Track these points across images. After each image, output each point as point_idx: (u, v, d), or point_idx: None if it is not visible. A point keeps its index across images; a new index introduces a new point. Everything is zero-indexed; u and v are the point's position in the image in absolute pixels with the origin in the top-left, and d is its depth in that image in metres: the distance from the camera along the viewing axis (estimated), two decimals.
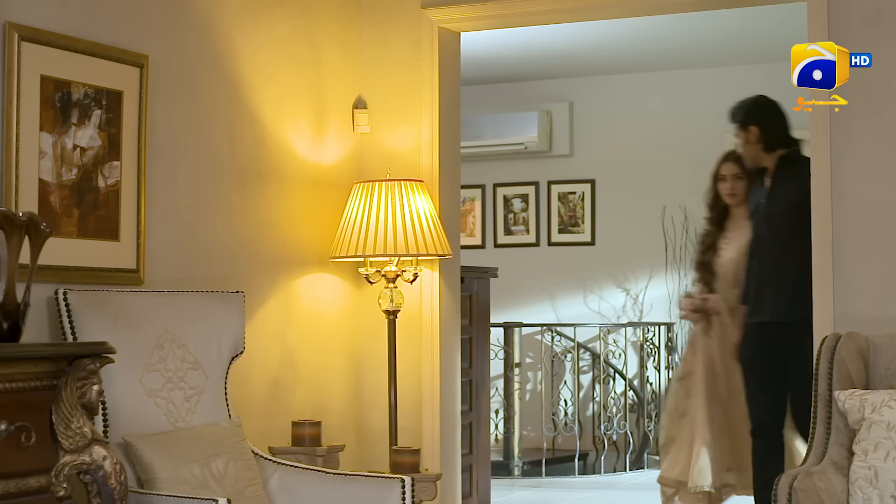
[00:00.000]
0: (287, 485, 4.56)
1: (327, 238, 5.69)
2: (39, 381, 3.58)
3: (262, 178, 5.42)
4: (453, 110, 6.08)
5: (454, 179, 6.08)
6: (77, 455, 3.63)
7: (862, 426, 4.34)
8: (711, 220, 6.35)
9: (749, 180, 6.09)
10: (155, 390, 4.36)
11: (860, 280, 5.12)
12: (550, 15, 6.01)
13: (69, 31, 4.45)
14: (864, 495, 4.23)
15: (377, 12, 6.05)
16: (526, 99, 10.64)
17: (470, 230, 11.01)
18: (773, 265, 5.75)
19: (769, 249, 5.77)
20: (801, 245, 5.37)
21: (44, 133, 4.34)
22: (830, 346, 4.61)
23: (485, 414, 7.34)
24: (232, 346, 4.70)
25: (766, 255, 5.80)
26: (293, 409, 5.51)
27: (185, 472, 4.17)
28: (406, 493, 4.43)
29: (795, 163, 5.72)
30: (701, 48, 9.43)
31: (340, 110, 5.94)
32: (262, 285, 5.40)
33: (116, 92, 4.63)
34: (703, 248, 6.33)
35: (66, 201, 4.43)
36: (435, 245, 5.53)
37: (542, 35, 8.73)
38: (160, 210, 4.84)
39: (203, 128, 5.11)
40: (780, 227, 5.72)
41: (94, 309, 4.28)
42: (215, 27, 5.18)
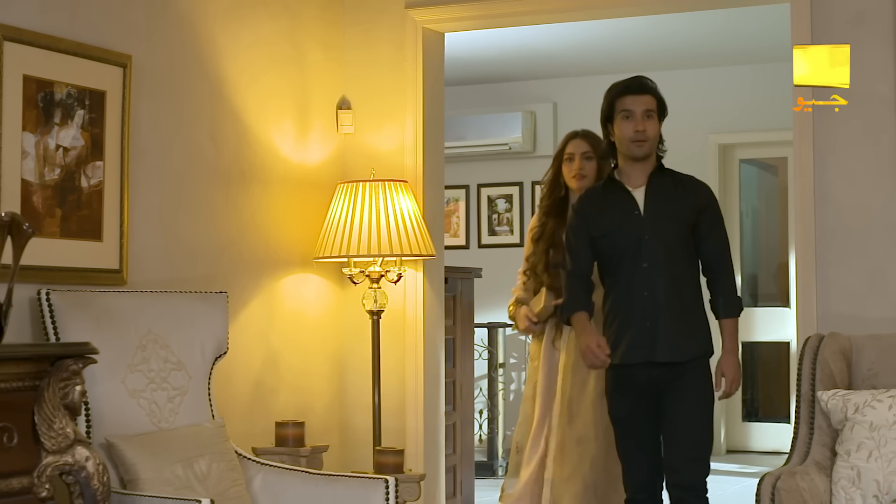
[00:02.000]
0: (270, 485, 4.55)
1: (311, 238, 5.68)
2: (22, 382, 3.57)
3: (245, 179, 5.41)
4: (437, 111, 6.09)
5: (438, 180, 6.09)
6: (60, 456, 3.62)
7: (845, 426, 4.35)
8: (549, 210, 5.36)
9: (599, 160, 5.25)
10: (138, 391, 4.35)
11: (843, 281, 5.14)
12: (534, 16, 6.01)
13: (52, 31, 4.43)
14: (847, 495, 4.24)
15: (361, 13, 6.05)
16: (510, 99, 10.65)
17: (454, 231, 11.01)
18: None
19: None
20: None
21: (26, 133, 4.32)
22: (813, 346, 4.62)
23: (469, 414, 7.35)
24: (215, 346, 4.70)
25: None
26: (277, 410, 5.50)
27: (169, 473, 4.16)
28: (390, 494, 4.43)
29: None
30: (685, 49, 9.45)
31: (324, 111, 5.94)
32: (246, 286, 5.39)
33: (99, 92, 4.62)
34: (544, 245, 5.31)
35: (49, 201, 4.42)
36: (419, 245, 5.53)
37: (526, 36, 8.73)
38: (143, 210, 4.83)
39: (187, 128, 5.10)
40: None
41: (77, 309, 4.26)
42: (199, 27, 5.17)
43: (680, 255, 4.68)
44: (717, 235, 4.73)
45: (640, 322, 4.63)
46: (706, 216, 4.71)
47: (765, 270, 10.65)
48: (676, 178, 4.78)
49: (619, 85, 4.78)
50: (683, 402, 4.62)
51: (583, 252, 4.77)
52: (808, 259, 5.19)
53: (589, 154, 5.27)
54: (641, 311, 4.63)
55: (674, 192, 4.73)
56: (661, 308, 4.61)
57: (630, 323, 4.64)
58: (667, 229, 4.67)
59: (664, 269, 4.63)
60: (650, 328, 4.61)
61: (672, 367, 4.62)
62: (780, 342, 10.15)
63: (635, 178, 4.74)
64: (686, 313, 4.65)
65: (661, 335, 4.61)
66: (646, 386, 4.65)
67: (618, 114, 4.72)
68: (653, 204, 4.69)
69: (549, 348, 5.31)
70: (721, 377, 4.66)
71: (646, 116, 4.71)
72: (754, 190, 10.62)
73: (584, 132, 5.35)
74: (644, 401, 4.67)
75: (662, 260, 4.64)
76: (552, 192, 5.38)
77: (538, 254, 5.34)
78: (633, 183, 4.74)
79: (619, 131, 4.71)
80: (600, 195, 4.83)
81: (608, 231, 4.71)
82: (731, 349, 4.68)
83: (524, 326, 5.33)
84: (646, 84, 4.79)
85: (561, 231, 5.20)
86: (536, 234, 5.40)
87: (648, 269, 4.63)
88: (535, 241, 5.39)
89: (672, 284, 4.63)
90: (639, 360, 4.63)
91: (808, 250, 5.19)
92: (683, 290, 4.66)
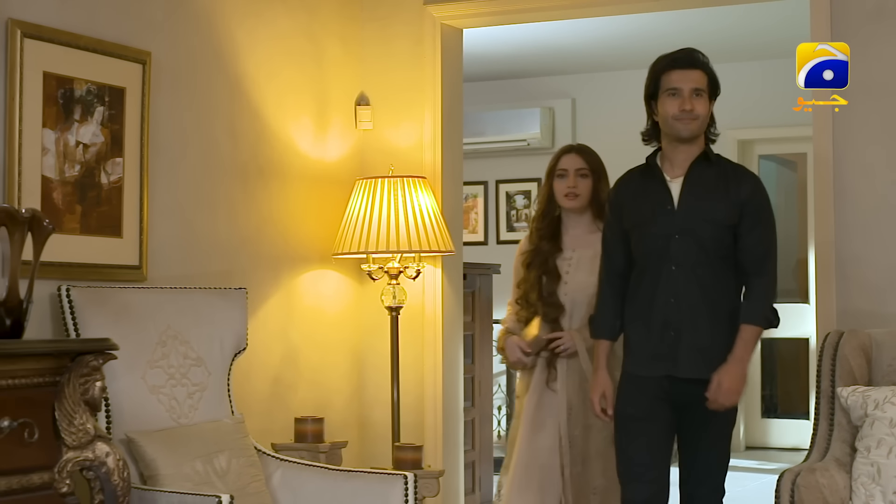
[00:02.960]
0: (290, 481, 4.56)
1: (330, 234, 5.69)
2: (42, 378, 3.58)
3: (264, 175, 5.42)
4: (456, 107, 6.08)
5: (457, 176, 6.08)
6: (80, 451, 3.63)
7: (865, 423, 4.34)
8: (541, 233, 4.95)
9: (596, 178, 4.90)
10: (158, 387, 4.36)
11: (862, 277, 5.12)
12: (552, 11, 6.00)
13: (71, 28, 4.44)
14: (867, 492, 4.23)
15: (379, 8, 6.04)
16: (528, 95, 10.63)
17: (472, 227, 11.00)
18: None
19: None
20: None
21: (46, 130, 4.34)
22: (833, 342, 4.61)
23: (487, 410, 7.35)
24: (234, 342, 4.71)
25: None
26: (296, 406, 5.51)
27: (188, 469, 4.18)
28: (409, 490, 4.43)
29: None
30: (704, 45, 9.30)
31: (342, 107, 5.94)
32: (265, 282, 5.40)
33: (119, 88, 4.63)
34: (537, 271, 4.90)
35: (69, 198, 4.43)
36: (437, 241, 5.53)
37: (544, 31, 8.72)
38: (163, 206, 4.84)
39: (205, 124, 5.11)
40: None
41: (97, 305, 4.28)
42: (217, 23, 5.18)
43: (715, 259, 4.17)
44: (759, 235, 4.18)
45: (663, 331, 4.17)
46: (748, 213, 4.17)
47: (784, 266, 10.58)
48: (722, 169, 4.24)
49: (666, 58, 4.25)
50: (706, 425, 4.21)
51: (618, 250, 4.31)
52: (827, 255, 5.17)
53: (584, 171, 4.89)
54: (664, 319, 4.16)
55: (715, 185, 4.20)
56: (688, 317, 4.14)
57: (651, 331, 4.19)
58: (702, 228, 4.16)
59: (694, 274, 4.15)
60: (673, 339, 4.16)
61: (697, 383, 4.14)
62: (800, 338, 10.12)
63: (677, 164, 4.24)
64: (717, 325, 4.15)
65: (684, 348, 4.14)
66: (663, 398, 4.21)
67: (663, 91, 4.21)
68: (689, 199, 4.18)
69: (539, 386, 4.88)
70: (717, 384, 4.11)
71: (694, 95, 4.17)
72: (773, 186, 10.59)
73: (579, 147, 5.01)
74: (661, 409, 4.21)
75: (693, 263, 4.15)
76: (545, 212, 4.96)
77: (531, 281, 4.91)
78: (673, 172, 4.24)
79: (664, 109, 4.21)
80: (637, 182, 4.33)
81: (636, 224, 4.25)
82: (740, 357, 4.13)
83: (515, 359, 4.92)
84: (696, 58, 4.24)
85: (556, 256, 4.86)
86: (528, 259, 4.96)
87: (677, 273, 4.16)
88: (526, 266, 4.96)
89: (702, 291, 4.15)
90: (658, 374, 4.19)
91: (828, 246, 5.17)
92: (716, 299, 4.17)
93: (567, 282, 4.88)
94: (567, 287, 4.88)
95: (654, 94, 4.26)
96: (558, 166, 4.93)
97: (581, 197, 4.87)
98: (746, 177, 4.26)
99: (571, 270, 4.88)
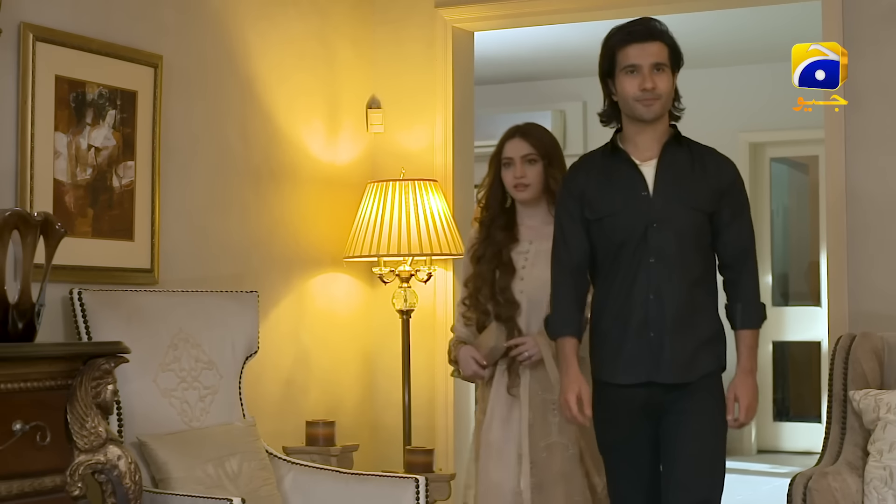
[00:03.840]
0: (301, 484, 4.56)
1: (341, 238, 5.69)
2: (54, 381, 3.58)
3: (275, 178, 5.42)
4: (467, 110, 6.08)
5: (468, 179, 6.08)
6: (92, 454, 3.63)
7: (877, 426, 4.33)
8: (492, 224, 4.36)
9: (546, 162, 4.31)
10: (169, 390, 4.37)
11: (874, 280, 5.11)
12: (563, 14, 6.00)
13: (83, 32, 4.45)
14: (879, 495, 4.22)
15: (390, 12, 6.05)
16: (539, 98, 10.63)
17: None
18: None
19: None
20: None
21: (58, 133, 4.35)
22: (845, 345, 4.60)
23: None
24: (246, 345, 4.71)
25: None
26: (307, 409, 5.51)
27: (200, 472, 4.18)
28: (420, 493, 4.43)
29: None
30: (714, 47, 9.41)
31: (354, 110, 5.95)
32: (276, 285, 5.40)
33: (131, 92, 4.63)
34: (489, 265, 4.30)
35: (81, 201, 4.44)
36: (449, 244, 5.53)
37: (555, 34, 8.71)
38: (174, 210, 4.85)
39: (217, 127, 5.12)
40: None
41: (109, 309, 4.28)
42: (229, 27, 5.19)
43: (694, 250, 3.72)
44: (740, 226, 3.76)
45: (642, 332, 3.69)
46: (729, 201, 3.74)
47: (796, 269, 10.60)
48: (696, 152, 3.79)
49: (621, 31, 3.77)
50: (687, 428, 3.70)
51: (576, 240, 3.80)
52: (839, 258, 5.16)
53: (531, 156, 4.28)
54: (644, 319, 3.68)
55: (691, 169, 3.74)
56: (670, 316, 3.67)
57: (628, 333, 3.70)
58: (681, 216, 3.70)
59: (676, 267, 3.68)
60: (654, 340, 3.67)
61: (677, 385, 3.70)
62: (811, 342, 10.09)
63: (644, 147, 3.75)
64: (700, 323, 3.71)
65: (667, 350, 3.67)
66: (642, 408, 3.73)
67: (620, 69, 3.71)
68: (665, 183, 3.71)
69: (500, 394, 4.30)
70: (734, 402, 3.72)
71: (655, 71, 3.70)
72: (785, 188, 10.57)
73: (524, 128, 4.35)
74: (640, 424, 3.75)
75: (674, 255, 3.68)
76: (491, 202, 4.37)
77: (482, 276, 4.31)
78: (641, 155, 3.75)
79: (622, 89, 3.71)
80: (599, 166, 3.82)
81: (605, 214, 3.74)
82: (749, 368, 3.74)
83: (470, 372, 4.32)
84: (654, 28, 3.79)
85: (510, 248, 4.30)
86: (479, 252, 4.35)
87: (656, 266, 3.68)
88: (476, 261, 4.35)
89: (685, 286, 3.68)
90: (638, 381, 3.70)
91: (840, 249, 5.16)
92: (697, 294, 3.71)
93: (523, 277, 4.29)
94: (523, 283, 4.29)
95: (609, 72, 3.76)
96: (503, 154, 4.33)
97: (532, 187, 4.29)
98: (725, 162, 3.81)
99: (528, 265, 4.30)
